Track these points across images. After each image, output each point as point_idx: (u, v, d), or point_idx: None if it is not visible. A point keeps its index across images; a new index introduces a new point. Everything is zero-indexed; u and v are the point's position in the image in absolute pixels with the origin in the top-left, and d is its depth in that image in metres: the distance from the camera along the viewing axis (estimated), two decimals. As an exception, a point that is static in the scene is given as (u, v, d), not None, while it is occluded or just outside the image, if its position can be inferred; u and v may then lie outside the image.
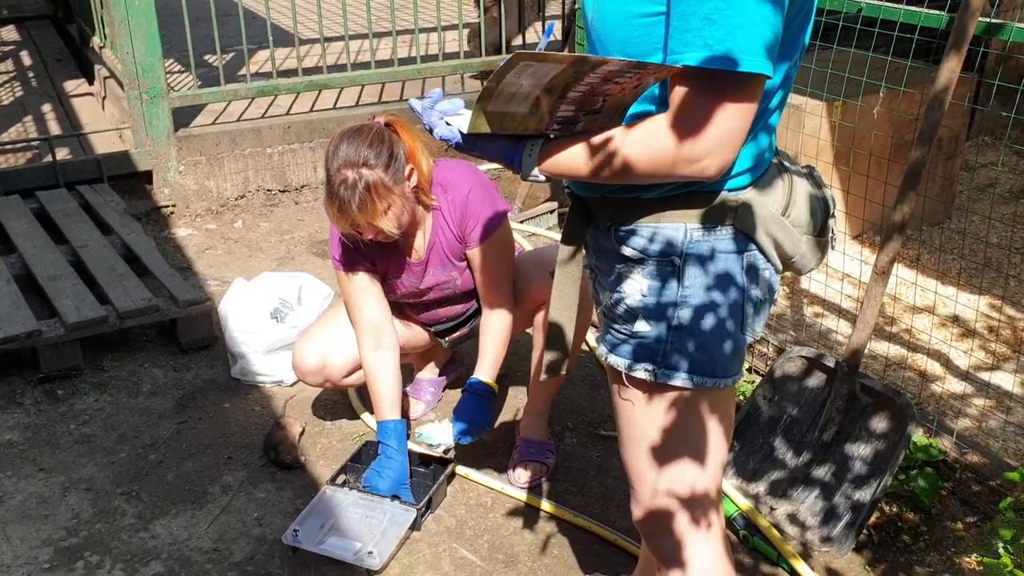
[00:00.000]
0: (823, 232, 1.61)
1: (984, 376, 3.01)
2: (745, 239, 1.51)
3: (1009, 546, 2.09)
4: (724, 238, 1.50)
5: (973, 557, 2.39)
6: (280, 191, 4.67)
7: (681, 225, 1.50)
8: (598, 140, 1.42)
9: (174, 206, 4.46)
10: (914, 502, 2.53)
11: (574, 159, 1.45)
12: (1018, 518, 2.14)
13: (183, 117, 4.58)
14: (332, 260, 2.58)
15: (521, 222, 4.26)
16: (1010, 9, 3.73)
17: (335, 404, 3.05)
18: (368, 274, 2.57)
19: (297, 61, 4.79)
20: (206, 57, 5.59)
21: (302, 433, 2.87)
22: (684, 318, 1.51)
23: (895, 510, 2.55)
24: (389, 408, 2.57)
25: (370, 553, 2.35)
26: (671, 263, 1.51)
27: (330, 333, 2.66)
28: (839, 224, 3.61)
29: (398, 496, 2.49)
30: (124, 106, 4.55)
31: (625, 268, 1.55)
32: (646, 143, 1.38)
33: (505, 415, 3.01)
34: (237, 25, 4.70)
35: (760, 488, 2.59)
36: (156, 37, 4.21)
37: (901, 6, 2.53)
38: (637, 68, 1.32)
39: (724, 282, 1.51)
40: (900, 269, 3.58)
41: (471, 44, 5.44)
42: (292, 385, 3.15)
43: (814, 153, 3.43)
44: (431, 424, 2.79)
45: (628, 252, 1.53)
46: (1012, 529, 2.09)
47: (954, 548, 2.44)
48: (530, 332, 2.79)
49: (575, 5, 4.00)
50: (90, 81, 5.66)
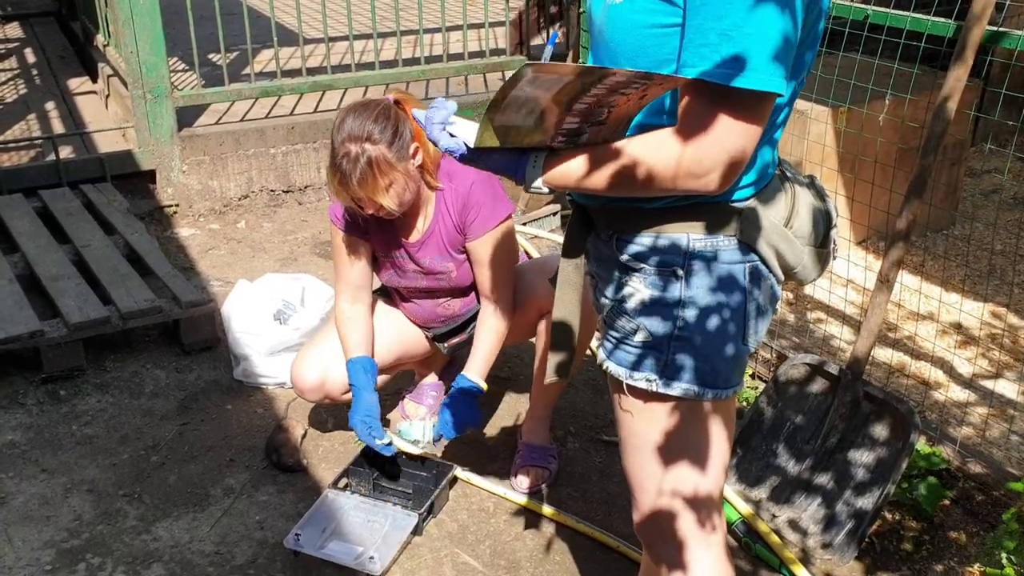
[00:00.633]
0: (825, 243, 1.61)
1: (987, 384, 3.00)
2: (747, 249, 1.51)
3: (1012, 557, 2.09)
4: (726, 248, 1.50)
5: (976, 567, 2.38)
6: (284, 191, 4.67)
7: (684, 236, 1.49)
8: (603, 152, 1.42)
9: (177, 206, 4.46)
10: (916, 510, 2.53)
11: (578, 171, 1.44)
12: (1021, 529, 2.14)
13: (187, 117, 4.57)
14: (330, 214, 2.58)
15: (524, 224, 4.25)
16: (1016, 15, 3.72)
17: (337, 407, 3.03)
18: (360, 240, 2.58)
19: (301, 61, 4.78)
20: (210, 56, 5.58)
21: (304, 436, 2.87)
22: (685, 328, 1.51)
23: (897, 518, 2.55)
24: (354, 348, 2.57)
25: (371, 558, 2.35)
26: (673, 272, 1.50)
27: (328, 349, 2.63)
28: (842, 230, 3.61)
29: (396, 500, 2.49)
30: (128, 105, 4.55)
31: (626, 276, 1.54)
32: (652, 155, 1.38)
33: (507, 420, 3.00)
34: (241, 24, 4.70)
35: (762, 494, 2.59)
36: (160, 36, 4.21)
37: (908, 14, 2.52)
38: (644, 79, 1.32)
39: (726, 292, 1.51)
40: (904, 276, 3.57)
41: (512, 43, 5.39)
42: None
43: (819, 159, 3.42)
44: (413, 421, 2.77)
45: (629, 262, 1.53)
46: (1015, 540, 2.09)
47: (957, 558, 2.43)
48: (533, 341, 2.78)
49: (580, 10, 4.00)
50: (94, 79, 5.66)
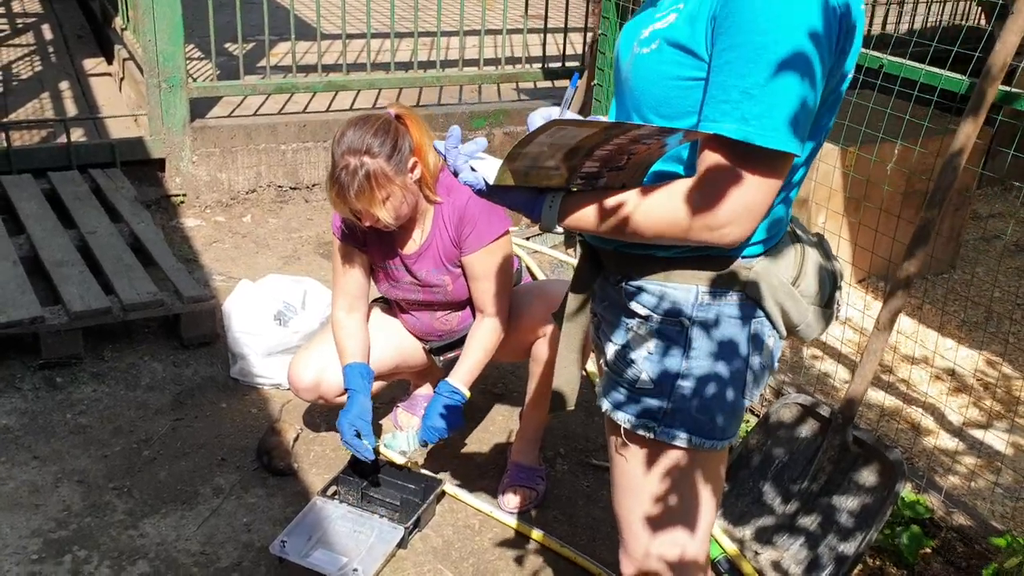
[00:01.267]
0: (830, 303, 1.63)
1: (977, 434, 3.02)
2: (753, 306, 1.53)
3: (989, 614, 2.11)
4: (732, 304, 1.52)
5: (952, 619, 2.41)
6: (291, 188, 4.68)
7: (692, 287, 1.51)
8: (619, 198, 1.43)
9: (184, 196, 4.47)
10: (898, 557, 2.55)
11: (594, 215, 1.46)
12: (1000, 587, 2.16)
13: (200, 107, 4.59)
14: (332, 225, 2.61)
15: (527, 239, 4.27)
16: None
17: (331, 412, 3.06)
18: (357, 250, 2.61)
19: (318, 57, 4.80)
20: (227, 45, 5.60)
21: (296, 439, 2.89)
22: (688, 381, 1.53)
23: (879, 564, 2.57)
24: (352, 355, 2.60)
25: (355, 570, 2.37)
26: (679, 324, 1.52)
27: (327, 351, 2.66)
28: (843, 270, 3.63)
29: (380, 505, 2.51)
30: (141, 90, 4.57)
31: (632, 323, 1.56)
32: (668, 205, 1.40)
33: (499, 437, 3.02)
34: (259, 13, 4.72)
35: (746, 532, 2.61)
36: (180, 27, 4.22)
37: (922, 66, 2.54)
38: (667, 133, 1.34)
39: (728, 348, 1.53)
40: (901, 318, 3.59)
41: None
42: (289, 389, 3.16)
43: (825, 198, 3.44)
44: (396, 433, 2.76)
45: (636, 308, 1.55)
46: (993, 598, 2.11)
47: (934, 607, 2.46)
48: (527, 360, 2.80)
49: (599, 49, 4.01)
50: (109, 60, 5.68)
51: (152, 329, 3.43)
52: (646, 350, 1.54)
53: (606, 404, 1.62)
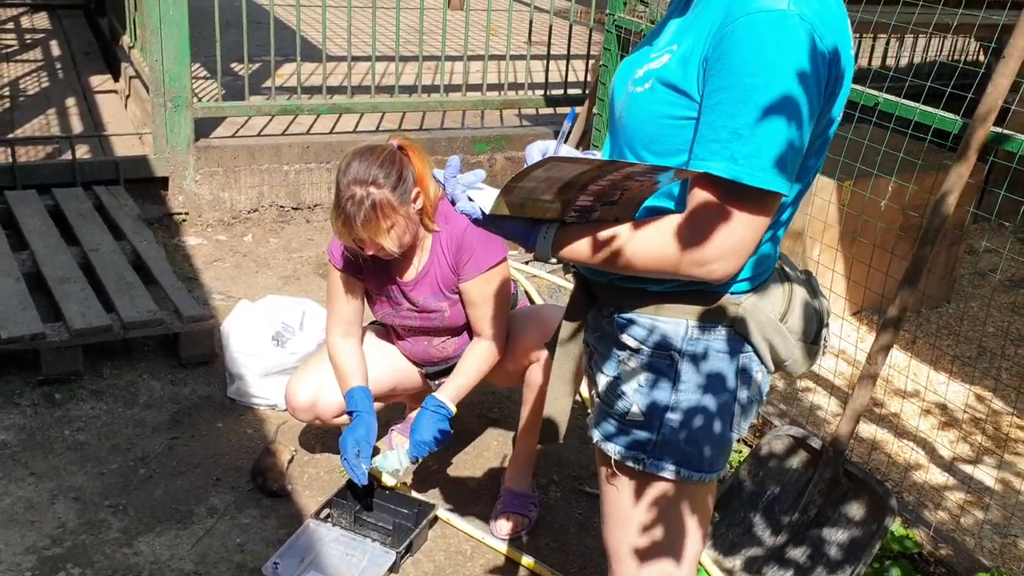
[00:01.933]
0: (816, 340, 1.66)
1: (966, 469, 3.04)
2: (741, 341, 1.56)
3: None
4: (721, 338, 1.55)
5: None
6: (293, 208, 4.72)
7: (681, 321, 1.54)
8: (612, 232, 1.47)
9: (187, 214, 4.51)
10: (886, 591, 2.56)
11: (587, 247, 1.49)
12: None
13: (204, 127, 4.64)
14: (328, 253, 2.65)
15: (526, 262, 4.30)
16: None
17: (326, 434, 3.08)
18: (354, 278, 2.64)
19: (322, 79, 4.85)
20: (232, 65, 5.66)
21: (291, 461, 2.91)
22: (677, 414, 1.56)
23: (866, 597, 2.58)
24: (352, 378, 2.63)
25: (347, 593, 2.39)
26: (669, 357, 1.55)
27: (324, 372, 2.69)
28: (837, 303, 3.66)
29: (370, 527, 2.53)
30: (147, 108, 4.61)
31: (623, 356, 1.59)
32: (659, 240, 1.43)
33: (493, 462, 3.04)
34: (265, 33, 4.77)
35: (736, 563, 2.63)
36: (186, 48, 4.28)
37: (917, 105, 2.58)
38: (659, 171, 1.38)
39: (717, 382, 1.56)
40: (894, 352, 3.62)
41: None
42: (285, 410, 3.18)
43: (820, 232, 3.48)
44: (387, 453, 2.77)
45: (627, 341, 1.58)
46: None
47: (921, 642, 2.47)
48: (520, 386, 2.82)
49: (601, 62, 4.06)
50: (115, 78, 5.73)
51: (151, 347, 3.46)
52: (636, 382, 1.57)
53: (597, 435, 1.64)
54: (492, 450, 3.10)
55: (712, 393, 1.56)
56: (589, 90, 4.68)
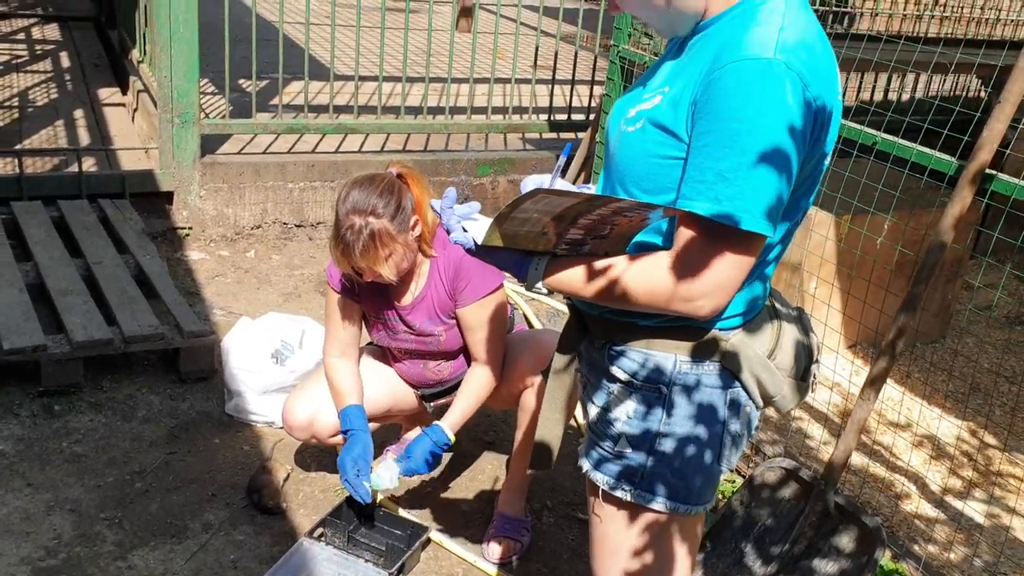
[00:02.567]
0: (805, 376, 1.69)
1: (957, 505, 3.06)
2: (730, 376, 1.59)
3: None
4: (711, 373, 1.58)
5: None
6: (296, 226, 4.76)
7: (671, 355, 1.58)
8: (602, 266, 1.51)
9: (191, 229, 4.55)
10: (874, 625, 2.58)
11: (577, 280, 1.53)
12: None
13: (210, 143, 4.68)
14: (327, 275, 2.68)
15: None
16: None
17: (322, 453, 3.10)
18: (351, 301, 2.68)
19: (329, 98, 4.90)
20: (240, 81, 5.71)
21: (287, 479, 2.93)
22: (666, 446, 1.58)
23: (854, 631, 2.59)
24: (347, 396, 2.66)
25: (338, 613, 2.40)
26: (658, 391, 1.58)
27: (321, 391, 2.72)
28: (832, 336, 3.68)
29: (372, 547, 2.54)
30: (154, 123, 4.66)
31: (614, 388, 1.62)
32: (647, 276, 1.47)
33: (485, 486, 3.06)
34: (274, 51, 4.82)
35: (725, 593, 2.64)
36: (196, 65, 4.32)
37: (914, 146, 2.62)
38: (646, 208, 1.41)
39: (707, 415, 1.59)
40: (888, 386, 3.64)
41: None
42: (283, 428, 3.20)
43: (816, 266, 3.51)
44: (379, 471, 2.77)
45: (618, 373, 1.61)
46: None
47: (907, 678, 2.48)
48: (515, 409, 2.84)
49: (604, 91, 4.11)
50: (124, 91, 5.78)
51: (151, 361, 3.48)
52: (625, 413, 1.60)
53: (586, 465, 1.67)
54: (486, 473, 3.12)
55: (702, 424, 1.59)
56: (592, 116, 4.73)
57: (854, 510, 2.60)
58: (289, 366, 3.25)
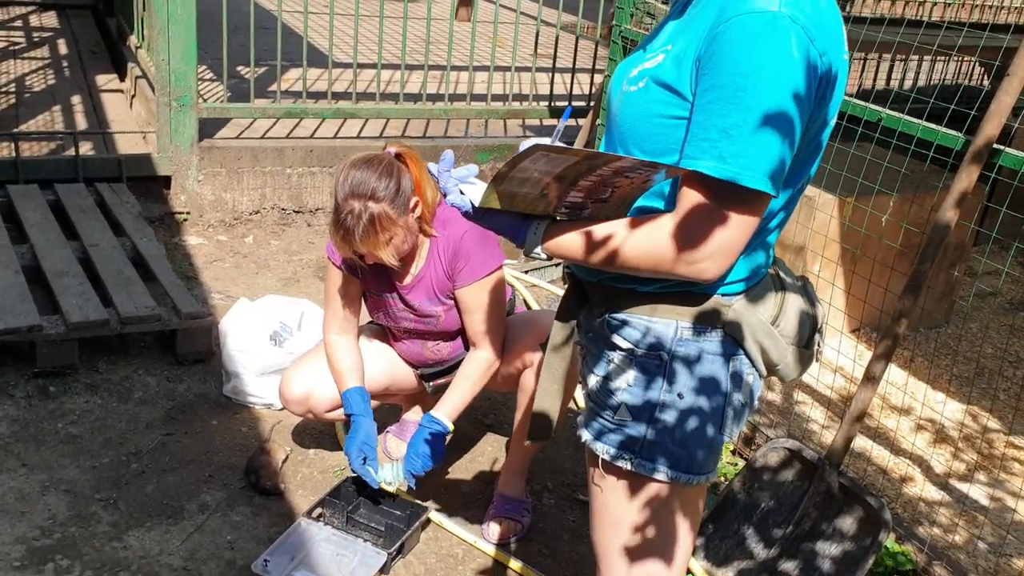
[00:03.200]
0: (809, 344, 1.65)
1: (961, 487, 3.04)
2: (733, 343, 1.56)
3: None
4: (713, 340, 1.55)
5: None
6: (295, 211, 4.73)
7: (672, 322, 1.54)
8: (602, 229, 1.47)
9: (188, 214, 4.52)
10: (878, 607, 2.55)
11: (577, 244, 1.50)
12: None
13: (208, 127, 4.65)
14: (327, 251, 2.64)
15: (525, 272, 4.31)
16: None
17: (321, 434, 3.08)
18: (353, 279, 2.65)
19: (328, 84, 4.86)
20: (238, 68, 5.67)
21: (285, 460, 2.90)
22: (667, 414, 1.55)
23: (858, 613, 2.56)
24: (350, 377, 2.63)
25: (336, 593, 2.37)
26: (659, 359, 1.55)
27: (319, 366, 2.69)
28: (836, 319, 3.66)
29: (371, 534, 2.52)
30: (152, 108, 4.62)
31: (614, 357, 1.59)
32: (648, 239, 1.43)
33: (485, 467, 3.03)
34: (272, 38, 4.79)
35: (728, 574, 2.62)
36: (193, 48, 4.29)
37: (920, 121, 2.59)
38: (648, 167, 1.38)
39: (709, 384, 1.55)
40: (892, 369, 3.61)
41: None
42: (281, 410, 3.18)
43: (820, 247, 3.48)
44: (384, 464, 2.75)
45: (618, 342, 1.58)
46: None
47: (912, 659, 2.45)
48: (515, 391, 2.82)
49: (605, 72, 4.07)
50: (122, 77, 5.74)
51: (148, 344, 3.45)
52: (626, 382, 1.56)
53: (586, 435, 1.64)
54: (486, 455, 3.10)
55: (704, 393, 1.55)
56: (593, 101, 4.70)
57: (858, 491, 2.57)
58: (287, 348, 3.21)
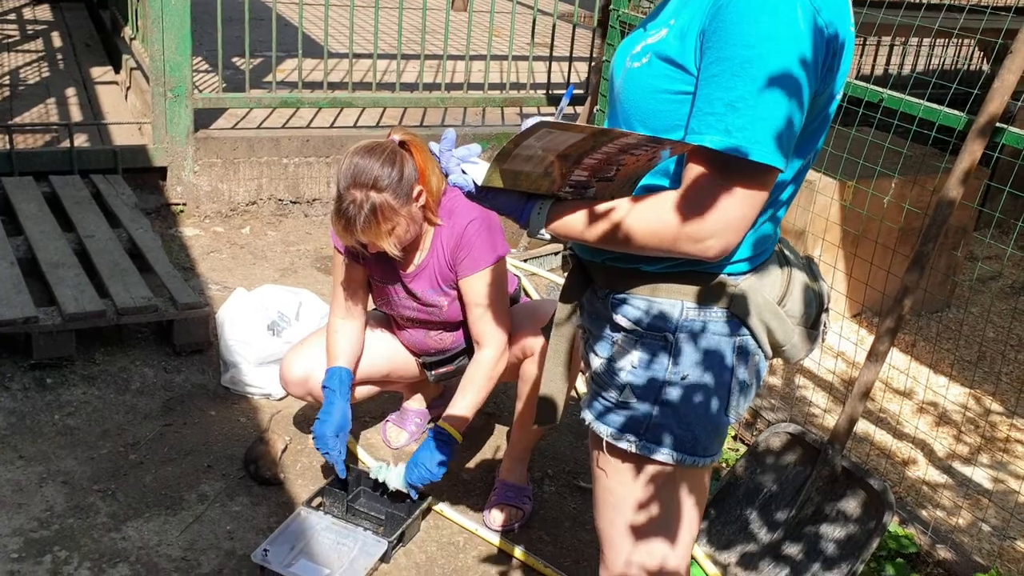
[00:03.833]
0: (816, 325, 1.63)
1: (964, 470, 3.02)
2: (738, 323, 1.53)
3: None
4: (718, 320, 1.52)
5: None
6: (292, 202, 4.70)
7: (677, 302, 1.52)
8: (606, 208, 1.45)
9: (185, 205, 4.49)
10: (882, 591, 2.54)
11: (581, 223, 1.47)
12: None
13: (204, 118, 4.62)
14: (332, 237, 2.60)
15: (525, 260, 4.28)
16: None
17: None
18: (358, 265, 2.62)
19: (323, 75, 4.83)
20: (234, 59, 5.64)
21: (284, 450, 2.88)
22: (672, 395, 1.53)
23: (863, 597, 2.55)
24: (341, 359, 2.61)
25: (337, 581, 2.36)
26: (664, 338, 1.52)
27: (320, 349, 2.68)
28: (838, 303, 3.64)
29: (369, 519, 2.50)
30: (147, 100, 4.59)
31: (618, 337, 1.57)
32: (653, 216, 1.41)
33: (487, 454, 3.02)
34: (268, 30, 4.75)
35: (731, 558, 2.60)
36: (188, 38, 4.26)
37: (921, 102, 2.56)
38: (654, 143, 1.35)
39: (714, 363, 1.53)
40: (894, 354, 3.59)
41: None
42: (280, 399, 3.16)
43: (821, 231, 3.46)
44: (390, 468, 2.71)
45: (622, 322, 1.55)
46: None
47: (917, 642, 2.44)
48: (515, 381, 2.79)
49: (605, 58, 4.05)
50: (116, 69, 5.71)
51: (145, 335, 3.43)
52: (630, 363, 1.54)
53: (589, 416, 1.62)
54: (487, 443, 3.08)
55: (708, 376, 1.53)
56: (591, 89, 4.67)
57: (861, 474, 2.55)
58: (286, 337, 3.19)
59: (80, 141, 4.48)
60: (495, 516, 2.67)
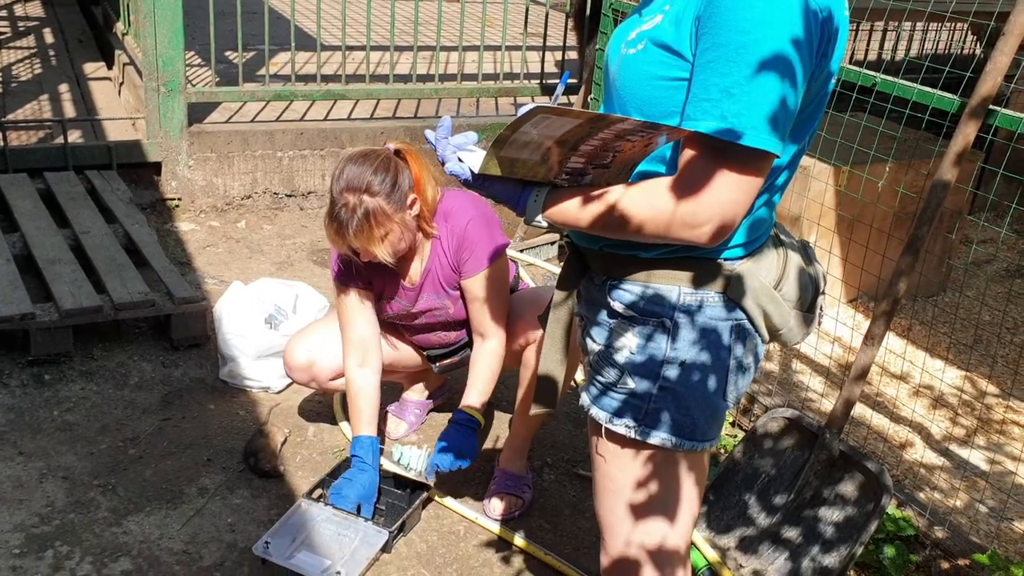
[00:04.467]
0: (812, 308, 1.64)
1: (961, 452, 3.03)
2: (735, 307, 1.54)
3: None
4: (715, 304, 1.53)
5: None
6: (287, 195, 4.70)
7: (674, 287, 1.52)
8: (603, 194, 1.45)
9: (180, 200, 4.48)
10: (881, 572, 2.55)
11: (577, 210, 1.47)
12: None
13: (197, 112, 4.61)
14: (331, 273, 2.62)
15: (521, 251, 4.29)
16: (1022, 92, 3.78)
17: (319, 415, 3.06)
18: (362, 292, 2.61)
19: (317, 67, 4.83)
20: (227, 53, 5.63)
21: (284, 442, 2.89)
22: (670, 379, 1.53)
23: (862, 579, 2.57)
24: (366, 425, 2.61)
25: (338, 573, 2.36)
26: (661, 323, 1.53)
27: (324, 335, 2.69)
28: (834, 288, 3.65)
29: (365, 516, 2.51)
30: (140, 95, 4.58)
31: (615, 323, 1.57)
32: (649, 202, 1.41)
33: (486, 444, 3.02)
34: (260, 23, 4.74)
35: (730, 542, 2.61)
36: (180, 32, 4.25)
37: (915, 85, 2.57)
38: (651, 129, 1.36)
39: (711, 348, 1.54)
40: (890, 338, 3.60)
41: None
42: (279, 392, 3.17)
43: (816, 216, 3.46)
44: (411, 448, 2.80)
45: (619, 308, 1.56)
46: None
47: (916, 624, 2.46)
48: (517, 368, 2.81)
49: (597, 47, 4.05)
50: (109, 65, 5.70)
51: (142, 329, 3.43)
52: (628, 348, 1.54)
53: (587, 401, 1.62)
54: (487, 432, 3.08)
55: (706, 360, 1.54)
56: (586, 76, 4.67)
57: (860, 458, 2.56)
58: (283, 330, 3.19)
59: (74, 137, 4.47)
60: (495, 505, 2.68)
